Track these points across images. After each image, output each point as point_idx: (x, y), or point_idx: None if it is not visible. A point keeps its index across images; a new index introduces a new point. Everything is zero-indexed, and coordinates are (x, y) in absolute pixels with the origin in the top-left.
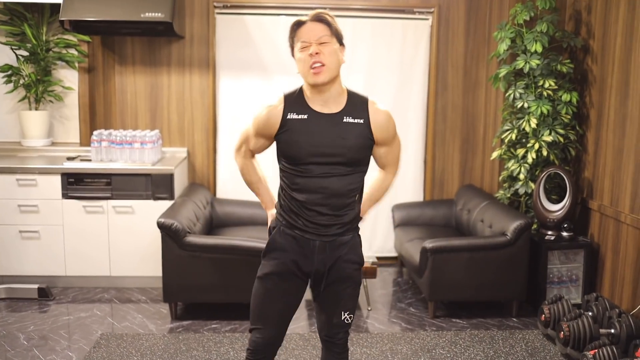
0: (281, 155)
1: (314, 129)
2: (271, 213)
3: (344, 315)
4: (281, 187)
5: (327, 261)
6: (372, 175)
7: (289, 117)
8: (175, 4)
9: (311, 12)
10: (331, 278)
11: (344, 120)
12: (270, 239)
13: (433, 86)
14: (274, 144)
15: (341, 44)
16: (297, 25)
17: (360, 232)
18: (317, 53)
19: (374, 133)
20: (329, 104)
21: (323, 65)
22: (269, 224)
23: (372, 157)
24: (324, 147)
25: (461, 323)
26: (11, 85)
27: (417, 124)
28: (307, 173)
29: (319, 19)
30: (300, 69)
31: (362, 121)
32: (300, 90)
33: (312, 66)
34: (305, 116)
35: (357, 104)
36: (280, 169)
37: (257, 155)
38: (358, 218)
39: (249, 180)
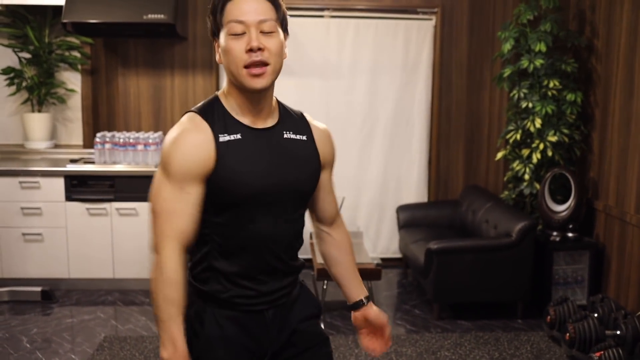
0: (210, 202)
1: (253, 151)
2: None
3: None
4: (204, 256)
5: (284, 330)
6: (333, 240)
7: (221, 139)
8: (178, 6)
9: None
10: (296, 349)
11: (285, 136)
12: (206, 337)
13: (437, 86)
14: None
15: (285, 31)
16: None
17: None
18: (260, 49)
19: (320, 155)
20: (262, 115)
21: (266, 65)
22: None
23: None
24: (270, 178)
25: (466, 325)
26: (14, 88)
27: (421, 124)
28: (251, 222)
29: None
30: (228, 62)
31: (305, 137)
32: (217, 99)
33: (248, 64)
34: (239, 135)
35: (292, 115)
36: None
37: None
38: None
39: (178, 299)
